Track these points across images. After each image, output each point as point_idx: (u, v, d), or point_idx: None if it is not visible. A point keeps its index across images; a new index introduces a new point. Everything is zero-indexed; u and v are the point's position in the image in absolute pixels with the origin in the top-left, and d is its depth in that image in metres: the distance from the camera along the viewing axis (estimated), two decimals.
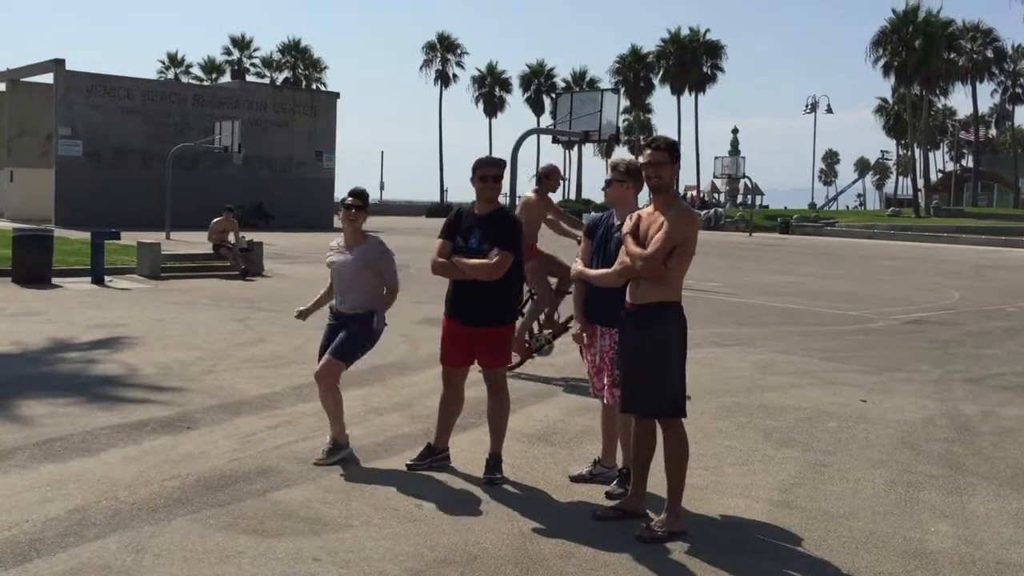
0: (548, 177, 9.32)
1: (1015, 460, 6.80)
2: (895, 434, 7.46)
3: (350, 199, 6.17)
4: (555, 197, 9.71)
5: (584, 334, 5.68)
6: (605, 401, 5.71)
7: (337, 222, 45.35)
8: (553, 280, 9.33)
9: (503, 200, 6.19)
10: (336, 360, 6.10)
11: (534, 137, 34.77)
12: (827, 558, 4.81)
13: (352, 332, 6.14)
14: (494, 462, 5.92)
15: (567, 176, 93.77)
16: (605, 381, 5.61)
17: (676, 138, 5.45)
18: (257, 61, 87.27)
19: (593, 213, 6.21)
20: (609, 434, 5.95)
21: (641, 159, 5.22)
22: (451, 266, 5.75)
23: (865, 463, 6.57)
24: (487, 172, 5.82)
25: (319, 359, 6.21)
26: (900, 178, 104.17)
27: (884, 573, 4.64)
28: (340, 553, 4.61)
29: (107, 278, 17.28)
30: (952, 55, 73.46)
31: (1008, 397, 9.11)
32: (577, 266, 5.68)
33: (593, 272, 5.51)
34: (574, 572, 4.50)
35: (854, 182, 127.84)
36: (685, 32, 79.45)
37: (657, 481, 5.29)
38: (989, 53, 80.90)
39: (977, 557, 4.88)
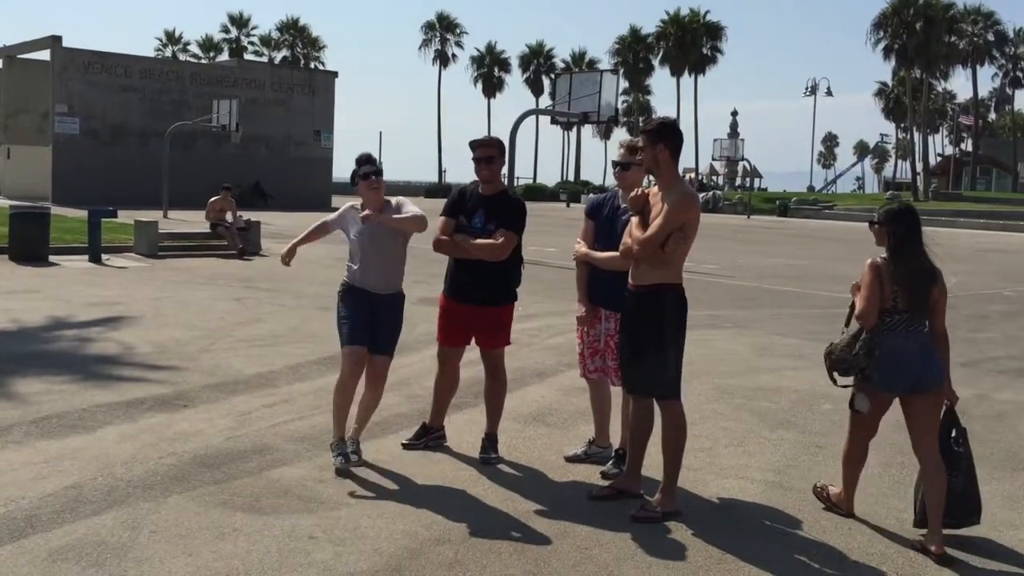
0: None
1: (1008, 443, 6.83)
2: (889, 416, 7.43)
3: (368, 166, 5.73)
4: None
5: (587, 316, 5.69)
6: (612, 384, 5.72)
7: (335, 201, 45.04)
8: None
9: (503, 181, 6.16)
10: (387, 357, 5.74)
11: (533, 118, 34.66)
12: (821, 539, 4.84)
13: (392, 324, 5.77)
14: (490, 442, 5.94)
15: (566, 157, 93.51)
16: (609, 364, 5.62)
17: (674, 119, 5.43)
18: (255, 39, 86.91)
19: (592, 194, 6.20)
20: (601, 414, 5.97)
21: None
22: (455, 244, 5.74)
23: None
24: (482, 154, 5.80)
25: (353, 343, 5.56)
26: (899, 161, 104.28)
27: (877, 554, 4.67)
28: (336, 531, 4.62)
29: (104, 256, 17.26)
30: (953, 38, 73.14)
31: (1003, 381, 9.13)
32: (580, 248, 5.67)
33: (599, 255, 5.51)
34: (569, 551, 4.52)
35: (853, 165, 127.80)
36: (685, 13, 79.17)
37: (652, 462, 5.31)
38: (990, 36, 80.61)
39: (968, 539, 4.90)
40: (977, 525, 4.92)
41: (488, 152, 5.79)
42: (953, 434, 4.90)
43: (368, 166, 5.74)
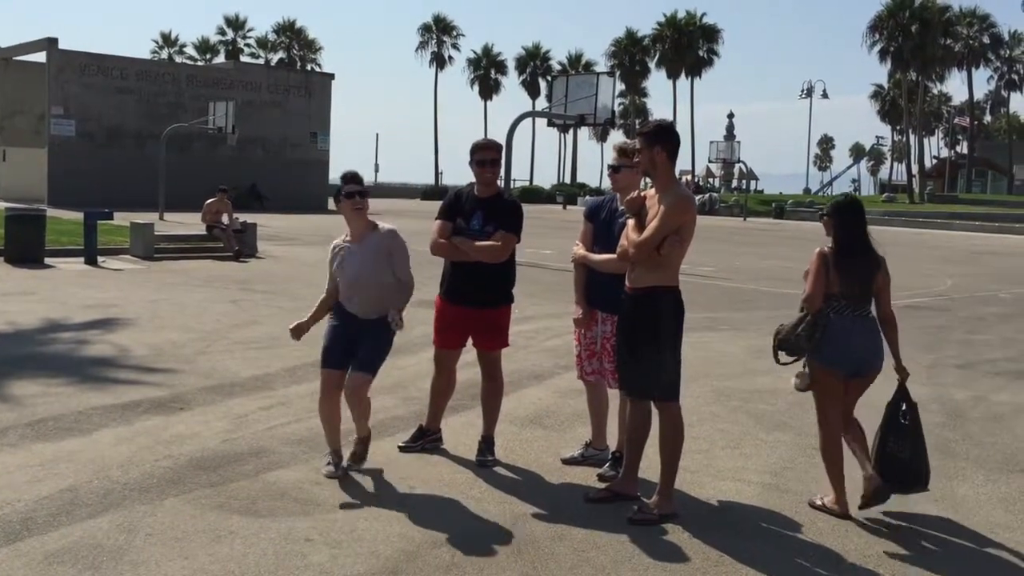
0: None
1: (1005, 445, 6.84)
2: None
3: (352, 185, 5.46)
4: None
5: (584, 318, 5.69)
6: (608, 386, 5.73)
7: (332, 204, 45.02)
8: None
9: (498, 184, 6.17)
10: (363, 374, 5.44)
11: (529, 120, 34.69)
12: (817, 541, 4.84)
13: (373, 343, 5.48)
14: (487, 444, 5.93)
15: (562, 159, 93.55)
16: (606, 366, 5.63)
17: (671, 121, 5.43)
18: (252, 42, 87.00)
19: (588, 197, 6.22)
20: (598, 416, 5.98)
21: None
22: (453, 247, 5.74)
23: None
24: (484, 156, 5.80)
25: (326, 366, 5.57)
26: (895, 164, 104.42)
27: (873, 556, 4.67)
28: (332, 533, 4.62)
29: (100, 258, 17.23)
30: (948, 41, 73.37)
31: (999, 383, 9.14)
32: (578, 250, 5.67)
33: (597, 257, 5.52)
34: (566, 554, 4.52)
35: (849, 167, 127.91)
36: (681, 15, 79.34)
37: (649, 464, 5.31)
38: (986, 39, 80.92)
39: (965, 540, 4.91)
40: (926, 491, 5.28)
41: (492, 155, 5.81)
42: (903, 408, 5.23)
43: (352, 184, 5.47)
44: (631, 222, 5.06)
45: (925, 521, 5.19)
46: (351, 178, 5.50)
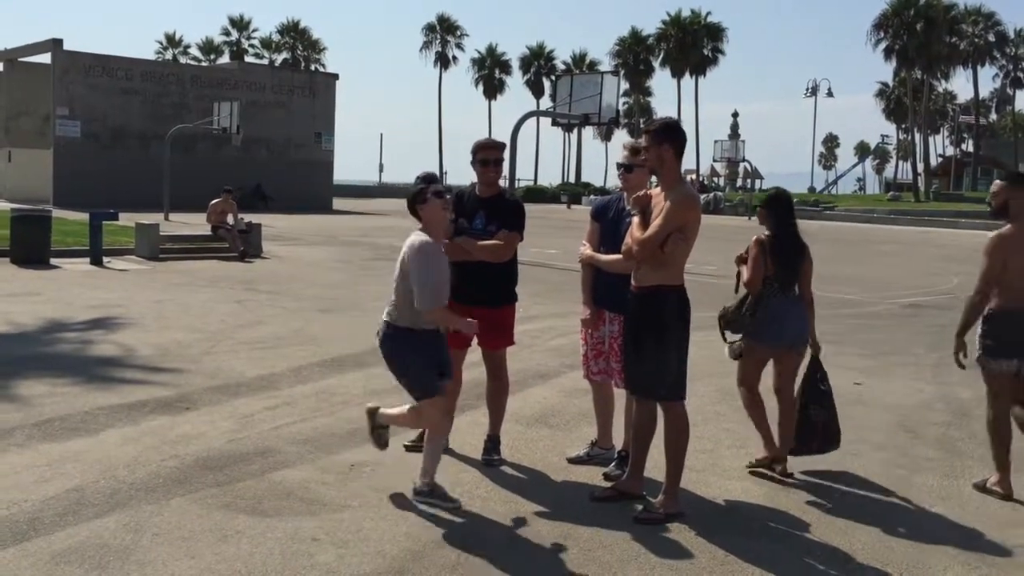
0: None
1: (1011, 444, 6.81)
2: (892, 418, 7.48)
3: (438, 184, 5.05)
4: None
5: (592, 319, 5.69)
6: (616, 386, 5.72)
7: (337, 204, 44.99)
8: None
9: (502, 183, 6.17)
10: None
11: (534, 120, 34.66)
12: (823, 540, 4.83)
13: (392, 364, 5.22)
14: (492, 444, 5.93)
15: (567, 159, 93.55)
16: (614, 365, 5.62)
17: (677, 119, 5.42)
18: (256, 42, 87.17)
19: (593, 196, 6.23)
20: (604, 416, 5.97)
21: None
22: (456, 247, 5.73)
23: (862, 446, 6.59)
24: (488, 156, 5.80)
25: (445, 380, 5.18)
26: (900, 162, 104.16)
27: (880, 555, 4.66)
28: (338, 533, 4.62)
29: (105, 259, 17.26)
30: (953, 39, 73.19)
31: None
32: (585, 250, 5.67)
33: (604, 258, 5.51)
34: (572, 553, 4.52)
35: (854, 166, 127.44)
36: (686, 14, 79.26)
37: (654, 464, 5.30)
38: (991, 37, 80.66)
39: (973, 539, 4.90)
40: (836, 450, 5.97)
41: (495, 154, 5.81)
42: (819, 375, 5.94)
43: (438, 184, 5.09)
44: (635, 220, 5.06)
45: (932, 520, 5.18)
46: (433, 178, 5.18)
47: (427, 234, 4.97)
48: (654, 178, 5.28)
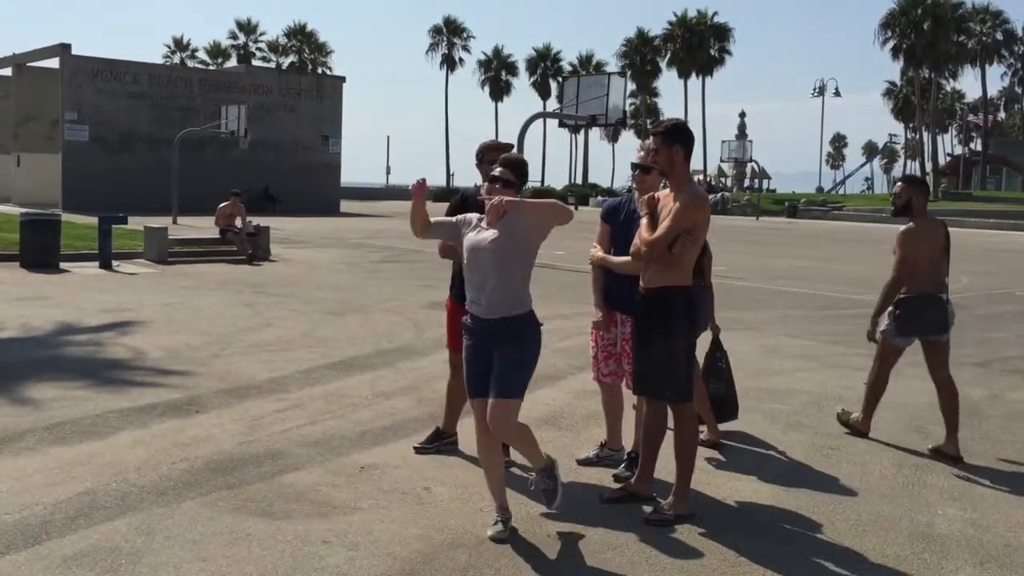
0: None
1: (1022, 444, 6.79)
2: (902, 417, 7.46)
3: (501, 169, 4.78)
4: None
5: (604, 321, 5.68)
6: (625, 386, 5.71)
7: (345, 206, 44.95)
8: None
9: None
10: (504, 400, 4.60)
11: (540, 121, 34.68)
12: (834, 540, 4.82)
13: (511, 356, 4.61)
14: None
15: (574, 160, 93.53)
16: (625, 367, 5.62)
17: (685, 120, 5.41)
18: (263, 45, 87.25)
19: (601, 197, 6.24)
20: (613, 417, 5.97)
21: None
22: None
23: (872, 446, 6.57)
24: (495, 158, 5.77)
25: (469, 393, 4.85)
26: (908, 162, 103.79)
27: (891, 556, 4.65)
28: (349, 535, 4.62)
29: (115, 262, 17.32)
30: (961, 37, 72.93)
31: (1016, 381, 9.09)
32: (596, 252, 5.66)
33: (615, 259, 5.50)
34: (582, 554, 4.51)
35: (862, 166, 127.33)
36: (692, 15, 79.23)
37: (664, 465, 5.29)
38: (999, 35, 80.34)
39: (985, 540, 4.88)
40: (735, 420, 6.61)
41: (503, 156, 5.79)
42: (717, 354, 6.57)
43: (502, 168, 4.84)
44: (644, 221, 5.06)
45: (944, 520, 5.16)
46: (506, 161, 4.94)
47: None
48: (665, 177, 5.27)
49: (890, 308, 6.52)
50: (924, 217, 6.44)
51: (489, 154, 5.80)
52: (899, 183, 6.65)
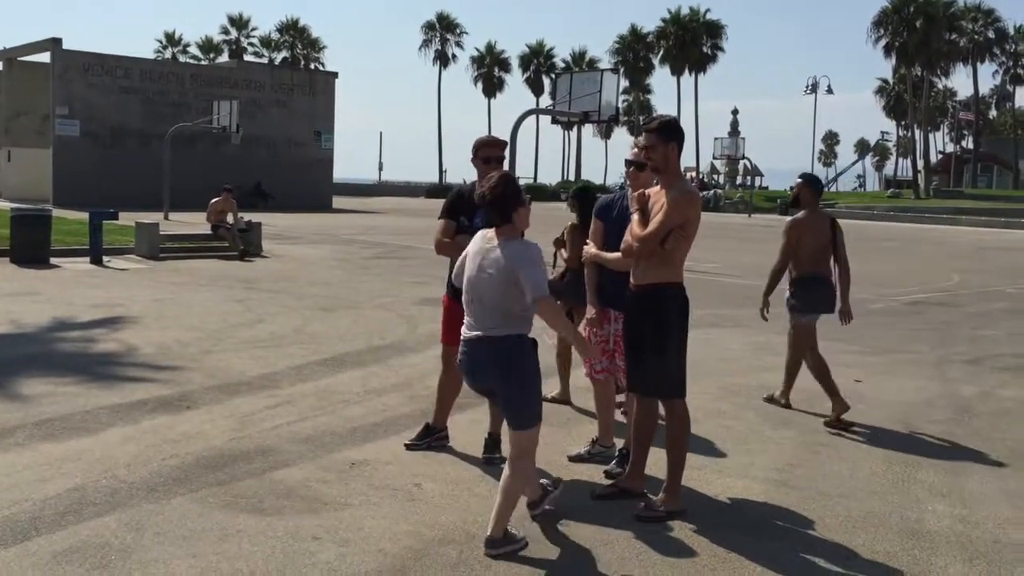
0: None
1: (1012, 441, 6.82)
2: (893, 414, 7.48)
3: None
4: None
5: (597, 317, 5.68)
6: (618, 383, 5.72)
7: (336, 202, 44.86)
8: None
9: None
10: (518, 433, 4.52)
11: (533, 118, 34.65)
12: (825, 537, 4.83)
13: (510, 386, 4.50)
14: (493, 442, 5.92)
15: (567, 157, 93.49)
16: (619, 364, 5.62)
17: (676, 117, 5.41)
18: (255, 41, 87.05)
19: (597, 194, 6.24)
20: (605, 414, 5.97)
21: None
22: (457, 246, 5.72)
23: (863, 443, 6.59)
24: (490, 154, 5.78)
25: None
26: (900, 159, 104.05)
27: (881, 552, 4.66)
28: (339, 531, 4.62)
29: (105, 258, 17.25)
30: (953, 35, 73.17)
31: (1006, 378, 9.12)
32: (590, 248, 5.65)
33: (609, 255, 5.49)
34: (573, 550, 4.51)
35: (854, 163, 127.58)
36: (685, 12, 79.27)
37: (655, 461, 5.30)
38: (990, 34, 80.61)
39: (974, 536, 4.90)
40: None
41: (497, 152, 5.79)
42: None
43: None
44: (635, 218, 5.05)
45: (934, 516, 5.18)
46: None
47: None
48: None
49: (787, 295, 7.36)
50: (812, 210, 7.27)
51: (484, 150, 5.80)
52: (798, 179, 7.42)
